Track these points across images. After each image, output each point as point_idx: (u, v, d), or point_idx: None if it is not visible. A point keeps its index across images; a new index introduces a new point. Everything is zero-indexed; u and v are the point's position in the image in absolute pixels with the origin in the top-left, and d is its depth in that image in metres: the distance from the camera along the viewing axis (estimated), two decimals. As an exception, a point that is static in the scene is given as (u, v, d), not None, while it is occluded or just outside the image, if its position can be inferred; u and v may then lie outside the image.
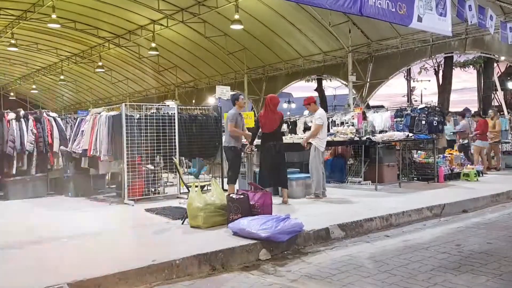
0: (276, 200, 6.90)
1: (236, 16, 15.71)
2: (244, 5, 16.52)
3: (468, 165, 11.30)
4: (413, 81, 31.42)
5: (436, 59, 23.90)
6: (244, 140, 8.15)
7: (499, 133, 12.94)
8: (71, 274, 3.87)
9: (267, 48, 20.35)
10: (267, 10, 17.24)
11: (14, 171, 9.17)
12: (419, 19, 8.23)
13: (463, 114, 14.19)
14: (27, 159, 9.31)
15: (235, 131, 7.67)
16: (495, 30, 11.62)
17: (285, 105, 40.18)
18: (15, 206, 8.36)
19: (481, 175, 11.13)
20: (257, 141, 8.15)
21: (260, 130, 7.80)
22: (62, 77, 29.24)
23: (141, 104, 8.97)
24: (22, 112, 9.52)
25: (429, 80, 31.32)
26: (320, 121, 8.18)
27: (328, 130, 11.87)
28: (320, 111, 8.40)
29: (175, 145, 8.64)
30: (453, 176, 10.69)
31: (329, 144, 10.13)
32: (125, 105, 8.25)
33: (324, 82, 27.93)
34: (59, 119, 10.16)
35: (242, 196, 5.81)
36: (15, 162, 9.16)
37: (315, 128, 8.18)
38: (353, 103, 17.45)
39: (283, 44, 19.75)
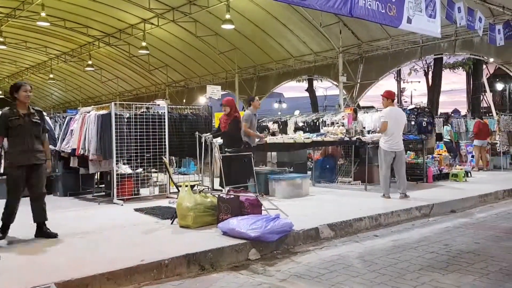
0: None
1: (228, 16, 15.69)
2: (235, 5, 16.51)
3: (459, 165, 11.43)
4: (403, 82, 31.63)
5: (426, 60, 24.13)
6: (257, 140, 8.57)
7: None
8: (59, 274, 3.84)
9: (258, 48, 20.36)
10: (258, 10, 17.25)
11: (1, 170, 9.06)
12: (409, 21, 8.29)
13: None
14: (15, 158, 9.21)
15: (248, 132, 8.18)
16: (483, 32, 11.73)
17: (276, 105, 40.24)
18: (3, 206, 8.25)
19: (469, 175, 11.24)
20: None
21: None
22: (51, 75, 29.00)
23: (131, 103, 8.92)
24: (10, 111, 9.42)
25: (419, 81, 31.56)
26: (384, 118, 8.03)
27: (319, 130, 11.95)
28: (387, 109, 8.10)
29: (165, 145, 8.61)
30: (441, 176, 10.78)
31: (319, 144, 10.17)
32: (115, 104, 8.20)
33: (315, 83, 28.04)
34: (48, 118, 10.06)
35: (232, 196, 5.81)
36: (2, 161, 9.05)
37: (381, 125, 8.12)
38: (344, 104, 17.52)
39: (274, 44, 19.77)
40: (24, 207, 7.98)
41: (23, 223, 6.49)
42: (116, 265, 4.08)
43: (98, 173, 9.32)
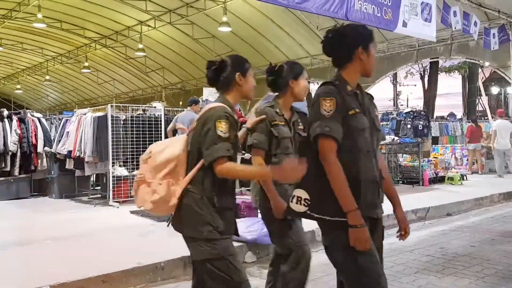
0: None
1: (224, 19, 15.70)
2: (232, 7, 16.52)
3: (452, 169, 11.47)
4: (399, 86, 31.69)
5: (422, 64, 24.17)
6: None
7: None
8: (54, 276, 3.82)
9: (255, 50, 20.34)
10: (255, 12, 17.26)
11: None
12: (404, 24, 8.33)
13: None
14: (10, 160, 9.18)
15: None
16: (479, 36, 11.78)
17: (272, 108, 40.26)
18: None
19: (465, 178, 11.27)
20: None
21: None
22: (47, 77, 28.87)
23: (128, 105, 8.91)
24: (6, 112, 9.38)
25: (415, 85, 31.60)
26: (493, 128, 12.06)
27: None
28: (496, 122, 12.14)
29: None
30: (437, 179, 10.81)
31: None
32: (111, 106, 8.19)
33: (311, 85, 28.05)
34: (43, 120, 10.05)
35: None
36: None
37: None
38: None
39: (271, 47, 19.77)
40: (21, 209, 7.98)
41: (15, 225, 6.46)
42: (111, 268, 4.06)
43: (94, 175, 9.30)
